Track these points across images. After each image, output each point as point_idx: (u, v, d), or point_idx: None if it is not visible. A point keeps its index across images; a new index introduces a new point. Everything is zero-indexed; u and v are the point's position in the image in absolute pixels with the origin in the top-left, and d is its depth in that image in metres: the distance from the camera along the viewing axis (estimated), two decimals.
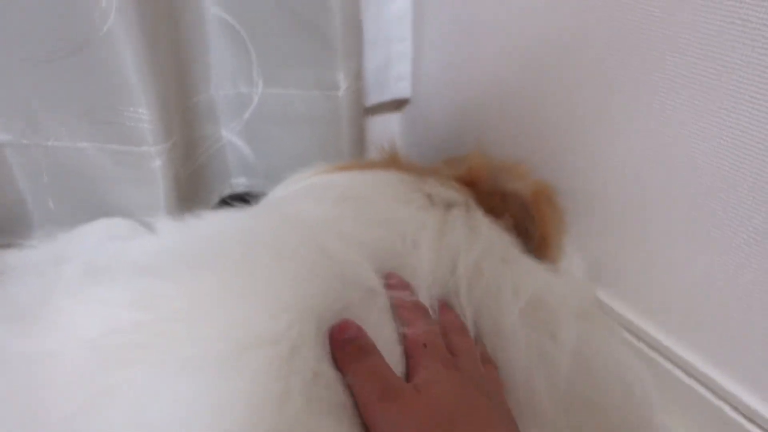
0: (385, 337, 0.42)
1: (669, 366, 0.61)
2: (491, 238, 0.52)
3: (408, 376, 0.40)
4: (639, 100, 0.55)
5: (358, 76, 0.80)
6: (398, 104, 1.01)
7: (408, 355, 0.41)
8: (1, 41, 0.60)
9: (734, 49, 0.46)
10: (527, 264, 0.55)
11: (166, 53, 0.67)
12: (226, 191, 0.87)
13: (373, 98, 0.93)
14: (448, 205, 0.54)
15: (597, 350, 0.51)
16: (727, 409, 0.56)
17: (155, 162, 0.67)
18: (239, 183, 0.87)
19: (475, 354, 0.44)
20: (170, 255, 0.46)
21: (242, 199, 0.86)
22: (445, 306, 0.47)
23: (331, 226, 0.48)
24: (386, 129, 1.02)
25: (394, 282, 0.45)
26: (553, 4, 0.64)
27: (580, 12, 0.60)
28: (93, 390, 0.34)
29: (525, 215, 0.60)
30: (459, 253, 0.48)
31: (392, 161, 0.64)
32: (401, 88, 0.96)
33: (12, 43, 0.60)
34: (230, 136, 0.84)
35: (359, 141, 0.86)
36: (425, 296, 0.46)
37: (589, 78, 0.61)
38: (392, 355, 0.41)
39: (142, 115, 0.63)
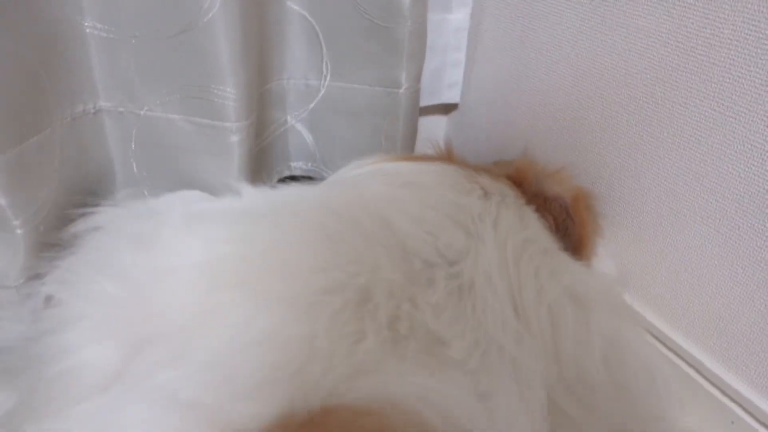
0: (437, 307, 0.47)
1: (691, 372, 0.66)
2: (536, 229, 0.59)
3: None
4: (678, 123, 0.62)
5: (418, 78, 0.87)
6: (447, 108, 1.08)
7: None
8: (117, 19, 0.68)
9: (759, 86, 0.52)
10: (564, 258, 0.61)
11: (252, 42, 0.75)
12: (285, 173, 0.95)
13: (425, 100, 1.00)
14: (502, 196, 0.60)
15: (627, 342, 0.56)
16: (748, 419, 0.60)
17: (234, 137, 0.74)
18: (297, 166, 0.95)
19: None
20: (257, 210, 0.53)
21: (297, 181, 0.94)
22: None
23: (396, 205, 0.55)
24: (433, 131, 1.09)
25: None
26: (605, 28, 0.70)
27: (631, 38, 0.66)
28: (204, 305, 0.41)
29: (565, 217, 0.66)
30: (509, 234, 0.54)
31: (448, 156, 0.71)
32: (452, 94, 1.03)
33: (126, 21, 0.68)
34: (294, 122, 0.91)
35: (412, 138, 0.93)
36: (484, 269, 0.51)
37: (634, 99, 0.68)
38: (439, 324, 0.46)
39: (229, 94, 0.71)
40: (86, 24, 0.68)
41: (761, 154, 0.54)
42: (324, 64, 0.86)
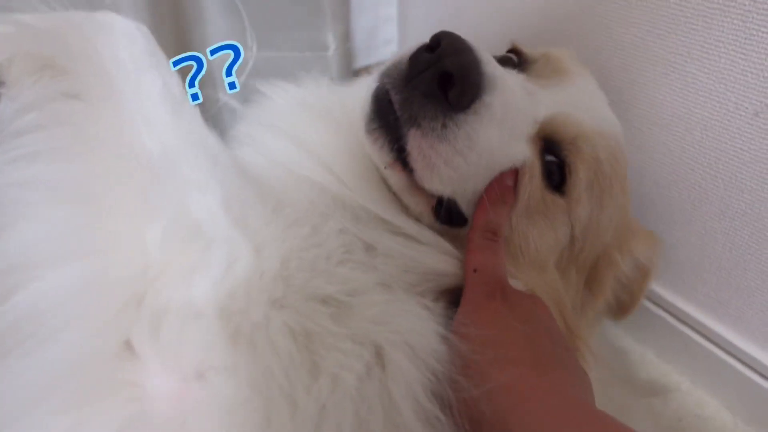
0: None
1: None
2: None
3: None
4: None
5: (345, 38, 0.85)
6: None
7: None
8: None
9: None
10: None
11: (167, 19, 0.72)
12: None
13: (362, 60, 0.98)
14: None
15: None
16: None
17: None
18: None
19: None
20: None
21: None
22: None
23: None
24: None
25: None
26: None
27: None
28: None
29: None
30: None
31: None
32: (388, 50, 1.01)
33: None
34: (227, 98, 0.89)
35: None
36: None
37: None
38: None
39: None
40: None
41: None
42: (248, 34, 0.83)
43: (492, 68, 0.44)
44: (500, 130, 0.45)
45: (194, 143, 0.44)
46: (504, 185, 0.48)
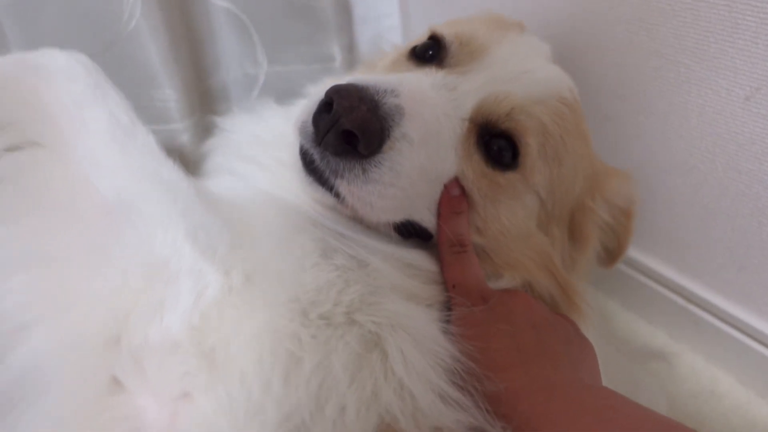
0: None
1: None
2: None
3: None
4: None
5: (350, 49, 0.89)
6: None
7: None
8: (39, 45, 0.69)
9: None
10: None
11: (182, 42, 0.76)
12: None
13: None
14: None
15: None
16: None
17: (183, 137, 0.76)
18: None
19: None
20: None
21: None
22: None
23: None
24: None
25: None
26: None
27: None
28: None
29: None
30: None
31: None
32: None
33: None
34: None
35: None
36: None
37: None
38: None
39: (169, 95, 0.73)
40: None
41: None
42: (258, 51, 0.87)
43: (393, 99, 0.43)
44: (425, 147, 0.45)
45: (148, 177, 0.44)
46: (452, 198, 0.49)
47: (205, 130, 0.84)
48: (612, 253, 0.63)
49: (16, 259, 0.40)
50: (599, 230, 0.59)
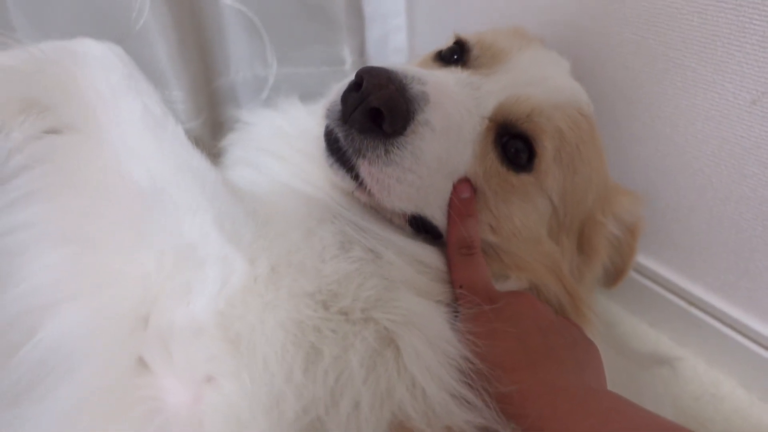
0: None
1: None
2: None
3: None
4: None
5: (361, 52, 0.89)
6: None
7: None
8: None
9: None
10: None
11: (190, 41, 0.77)
12: None
13: None
14: None
15: None
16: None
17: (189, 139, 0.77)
18: None
19: None
20: None
21: None
22: None
23: None
24: None
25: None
26: None
27: None
28: None
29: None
30: None
31: None
32: (398, 58, 1.05)
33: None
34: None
35: None
36: None
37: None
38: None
39: (176, 96, 0.74)
40: None
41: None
42: (268, 52, 0.88)
43: (419, 86, 0.45)
44: (445, 138, 0.47)
45: (180, 166, 0.45)
46: (463, 200, 0.50)
47: (212, 130, 0.85)
48: (615, 273, 0.65)
49: (53, 236, 0.41)
50: (609, 245, 0.61)
